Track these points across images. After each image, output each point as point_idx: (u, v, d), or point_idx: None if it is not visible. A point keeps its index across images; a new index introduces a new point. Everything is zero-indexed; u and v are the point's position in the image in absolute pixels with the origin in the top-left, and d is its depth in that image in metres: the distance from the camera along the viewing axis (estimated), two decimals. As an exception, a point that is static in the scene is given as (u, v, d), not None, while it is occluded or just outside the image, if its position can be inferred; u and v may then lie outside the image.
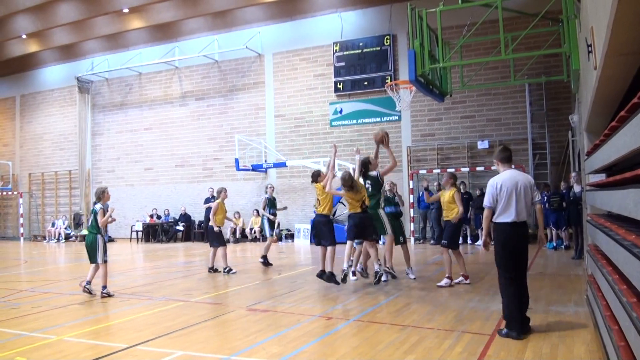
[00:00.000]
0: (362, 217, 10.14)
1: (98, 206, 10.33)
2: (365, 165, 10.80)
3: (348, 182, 10.03)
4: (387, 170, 10.83)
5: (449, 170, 19.97)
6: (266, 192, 15.17)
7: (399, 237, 11.22)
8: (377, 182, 10.81)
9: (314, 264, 14.39)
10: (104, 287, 10.20)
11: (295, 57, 23.55)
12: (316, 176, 11.13)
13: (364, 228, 10.19)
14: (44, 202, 30.12)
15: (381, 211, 10.69)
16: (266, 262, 14.14)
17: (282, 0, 22.83)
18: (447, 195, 10.32)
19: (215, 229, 13.37)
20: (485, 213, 6.73)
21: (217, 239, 13.42)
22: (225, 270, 12.98)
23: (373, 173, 10.84)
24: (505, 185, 6.54)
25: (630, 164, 4.75)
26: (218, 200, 13.42)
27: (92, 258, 10.27)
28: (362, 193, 10.15)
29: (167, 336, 6.95)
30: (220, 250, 13.28)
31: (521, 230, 6.56)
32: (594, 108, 6.74)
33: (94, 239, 10.25)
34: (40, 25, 25.01)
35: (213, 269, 13.28)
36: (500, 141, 19.59)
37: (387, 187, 11.65)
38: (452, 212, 10.19)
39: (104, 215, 10.23)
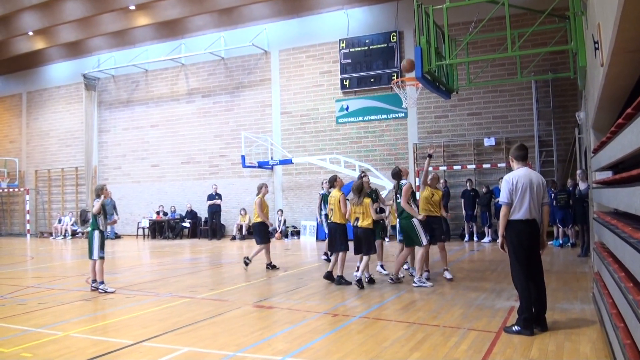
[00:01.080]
0: (356, 231, 10.18)
1: (96, 201, 10.44)
2: (397, 175, 10.53)
3: (356, 192, 10.15)
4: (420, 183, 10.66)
5: (455, 167, 20.06)
6: (322, 188, 14.54)
7: None
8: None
9: (320, 261, 14.41)
10: (101, 282, 10.28)
11: (302, 54, 23.54)
12: (332, 181, 11.05)
13: (359, 244, 10.19)
14: (51, 199, 30.22)
15: (415, 221, 10.11)
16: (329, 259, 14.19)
17: (288, -3, 22.90)
18: (438, 194, 10.82)
19: (268, 223, 13.07)
20: (504, 210, 6.57)
21: (259, 235, 13.12)
22: (247, 260, 12.93)
23: (403, 181, 10.40)
24: (521, 182, 6.49)
25: (636, 161, 4.74)
26: (260, 196, 13.08)
27: (89, 253, 10.39)
28: (361, 209, 10.08)
29: (174, 332, 6.97)
30: (259, 247, 13.07)
31: (533, 228, 6.54)
32: (601, 105, 6.72)
33: (91, 234, 10.40)
34: (47, 22, 25.06)
35: (271, 265, 13.07)
36: (506, 138, 19.56)
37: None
38: (439, 209, 10.75)
39: (100, 210, 10.34)
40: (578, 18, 10.94)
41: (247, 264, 12.92)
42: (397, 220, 10.65)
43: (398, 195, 10.38)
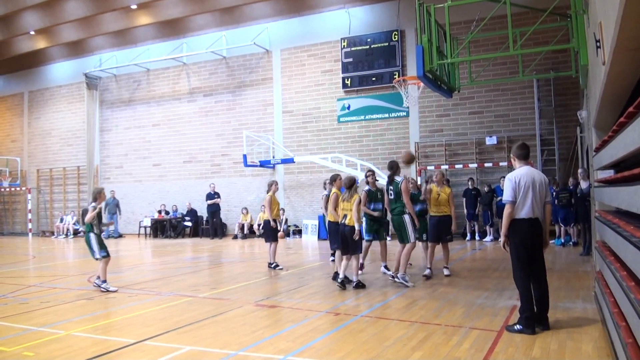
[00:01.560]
0: (343, 230, 9.89)
1: (92, 205, 10.54)
2: (395, 168, 10.37)
3: (347, 186, 9.91)
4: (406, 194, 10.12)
5: (457, 166, 20.06)
6: (325, 188, 13.81)
7: (423, 234, 11.31)
8: (397, 190, 10.14)
9: (322, 260, 14.41)
10: (104, 281, 10.35)
11: (303, 53, 23.53)
12: (333, 180, 10.95)
13: (346, 243, 9.90)
14: (52, 198, 30.24)
15: (406, 217, 10.05)
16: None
17: (289, -4, 22.91)
18: (445, 192, 10.96)
19: (272, 223, 12.70)
20: (508, 209, 6.50)
21: (270, 234, 12.90)
22: (272, 266, 12.77)
23: (398, 179, 10.20)
24: (524, 180, 6.46)
25: (638, 160, 4.74)
26: (270, 194, 12.82)
27: (91, 255, 10.51)
28: (349, 206, 9.78)
29: (175, 331, 6.98)
30: (271, 246, 12.87)
31: (536, 227, 6.52)
32: (603, 104, 6.70)
33: (87, 237, 10.56)
34: (48, 22, 25.07)
35: (273, 265, 12.86)
36: (508, 137, 19.54)
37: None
38: (448, 208, 10.93)
39: (92, 218, 10.44)
40: (579, 16, 10.92)
41: (275, 267, 12.78)
42: (390, 216, 10.47)
43: (391, 190, 10.24)
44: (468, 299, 8.55)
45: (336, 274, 10.54)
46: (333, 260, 13.10)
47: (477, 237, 18.94)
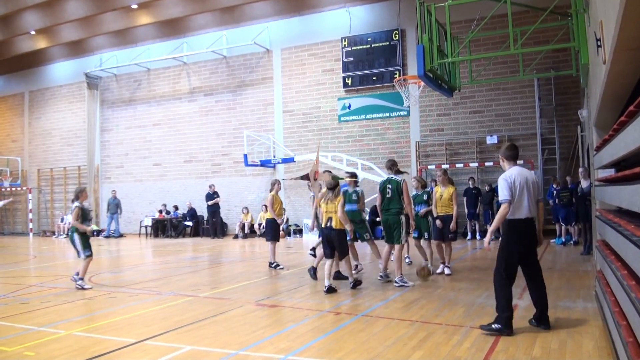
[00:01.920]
0: (329, 234, 9.62)
1: (74, 205, 10.56)
2: (393, 165, 10.19)
3: (330, 188, 9.66)
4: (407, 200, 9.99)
5: (457, 165, 20.05)
6: (309, 188, 13.55)
7: (424, 233, 11.42)
8: (398, 189, 9.88)
9: (322, 259, 14.37)
10: (81, 278, 10.53)
11: (304, 53, 23.53)
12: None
13: (333, 247, 9.67)
14: (53, 198, 30.27)
15: (403, 217, 9.85)
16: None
17: (290, -4, 22.91)
18: (447, 192, 11.08)
19: (278, 220, 12.72)
20: (504, 209, 6.36)
21: (268, 232, 12.92)
22: (273, 266, 12.72)
23: (397, 178, 10.00)
24: (518, 180, 6.44)
25: (639, 159, 4.73)
26: (272, 193, 12.83)
27: (77, 254, 10.74)
28: (333, 207, 9.53)
29: (176, 331, 6.97)
30: (270, 244, 12.83)
31: (533, 227, 6.51)
32: (603, 103, 6.70)
33: (71, 237, 10.69)
34: (49, 22, 25.10)
35: (274, 265, 12.78)
36: (509, 136, 19.54)
37: (414, 184, 11.72)
38: (451, 207, 11.01)
39: (78, 216, 10.53)
40: (580, 16, 10.92)
41: (276, 267, 12.73)
42: (383, 216, 10.15)
43: (389, 188, 9.95)
44: (468, 299, 8.55)
45: (338, 273, 10.57)
46: (312, 254, 13.08)
47: (477, 237, 18.94)
